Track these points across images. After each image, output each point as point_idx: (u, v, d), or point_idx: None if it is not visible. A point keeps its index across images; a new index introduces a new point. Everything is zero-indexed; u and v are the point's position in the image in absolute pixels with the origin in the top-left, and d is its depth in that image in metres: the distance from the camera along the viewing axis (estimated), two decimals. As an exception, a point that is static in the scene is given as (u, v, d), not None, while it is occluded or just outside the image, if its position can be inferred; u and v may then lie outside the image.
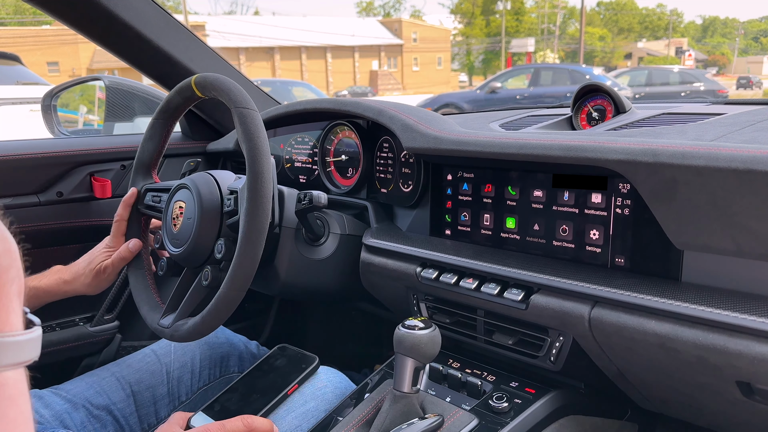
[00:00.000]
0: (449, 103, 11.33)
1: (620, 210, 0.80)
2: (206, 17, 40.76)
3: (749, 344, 0.63)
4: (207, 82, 0.94)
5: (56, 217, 1.32)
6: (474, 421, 0.81)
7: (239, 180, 1.00)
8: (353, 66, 40.85)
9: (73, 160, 1.33)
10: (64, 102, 1.69)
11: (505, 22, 45.79)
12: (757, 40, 77.10)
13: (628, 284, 0.74)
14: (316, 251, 1.06)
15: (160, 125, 1.07)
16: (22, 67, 4.55)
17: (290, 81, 17.61)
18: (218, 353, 1.12)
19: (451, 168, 1.01)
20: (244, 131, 0.86)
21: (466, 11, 53.70)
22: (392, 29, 44.02)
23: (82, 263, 1.05)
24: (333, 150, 1.27)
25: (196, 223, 0.94)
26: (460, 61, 55.47)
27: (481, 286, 0.87)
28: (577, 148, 0.79)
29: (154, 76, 1.39)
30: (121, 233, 1.06)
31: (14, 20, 34.36)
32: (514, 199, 0.92)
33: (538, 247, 0.90)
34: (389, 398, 0.81)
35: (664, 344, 0.69)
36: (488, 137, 0.92)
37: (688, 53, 33.04)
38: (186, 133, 1.56)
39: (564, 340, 0.82)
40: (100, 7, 1.17)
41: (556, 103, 1.38)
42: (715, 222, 0.68)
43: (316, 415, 0.91)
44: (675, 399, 0.81)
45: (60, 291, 1.04)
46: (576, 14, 58.45)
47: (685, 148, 0.70)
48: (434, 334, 0.80)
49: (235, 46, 34.24)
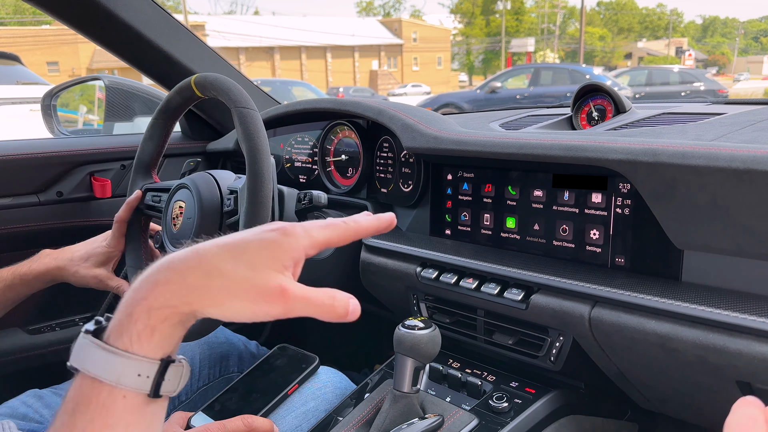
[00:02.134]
0: (449, 102, 11.33)
1: (620, 210, 0.80)
2: (206, 17, 40.76)
3: (749, 344, 0.63)
4: (207, 82, 0.94)
5: (56, 217, 1.32)
6: (474, 421, 0.81)
7: (239, 180, 1.00)
8: (353, 66, 40.85)
9: (73, 160, 1.33)
10: (64, 102, 1.69)
11: (505, 21, 45.79)
12: (757, 39, 77.10)
13: (628, 284, 0.74)
14: (316, 251, 1.05)
15: (159, 125, 1.07)
16: (22, 67, 4.55)
17: (290, 81, 17.61)
18: (218, 353, 1.12)
19: (451, 168, 1.01)
20: (244, 131, 0.86)
21: (466, 11, 53.71)
22: (392, 29, 44.03)
23: (77, 254, 1.04)
24: (333, 150, 1.27)
25: (196, 223, 0.94)
26: (460, 60, 55.49)
27: (481, 286, 0.87)
28: (578, 148, 0.79)
29: (153, 76, 1.39)
30: (121, 234, 1.06)
31: (14, 20, 34.36)
32: (514, 199, 0.92)
33: (538, 246, 0.90)
34: (389, 398, 0.81)
35: (664, 344, 0.69)
36: (488, 137, 0.92)
37: (688, 53, 33.06)
38: (186, 133, 1.56)
39: (564, 340, 0.82)
40: (100, 7, 1.17)
41: (556, 103, 1.38)
42: (715, 222, 0.68)
43: (316, 415, 0.91)
44: (675, 399, 0.81)
45: (49, 276, 1.03)
46: (576, 14, 58.46)
47: (686, 147, 0.70)
48: (434, 334, 0.80)
49: (235, 46, 34.24)
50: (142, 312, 0.44)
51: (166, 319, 0.44)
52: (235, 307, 0.45)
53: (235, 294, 0.45)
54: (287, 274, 0.47)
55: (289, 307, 0.46)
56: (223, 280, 0.45)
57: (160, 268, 0.46)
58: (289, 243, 0.48)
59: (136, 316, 0.44)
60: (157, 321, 0.44)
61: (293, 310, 0.46)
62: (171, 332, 0.45)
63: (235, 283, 0.45)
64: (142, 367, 0.44)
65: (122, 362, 0.43)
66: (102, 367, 0.43)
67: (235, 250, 0.46)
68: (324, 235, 0.50)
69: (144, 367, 0.44)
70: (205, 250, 0.46)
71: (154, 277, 0.45)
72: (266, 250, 0.47)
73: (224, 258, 0.46)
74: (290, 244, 0.48)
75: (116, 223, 1.06)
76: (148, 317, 0.44)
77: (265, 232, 0.48)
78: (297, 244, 0.48)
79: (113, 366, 0.43)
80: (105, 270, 1.04)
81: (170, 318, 0.45)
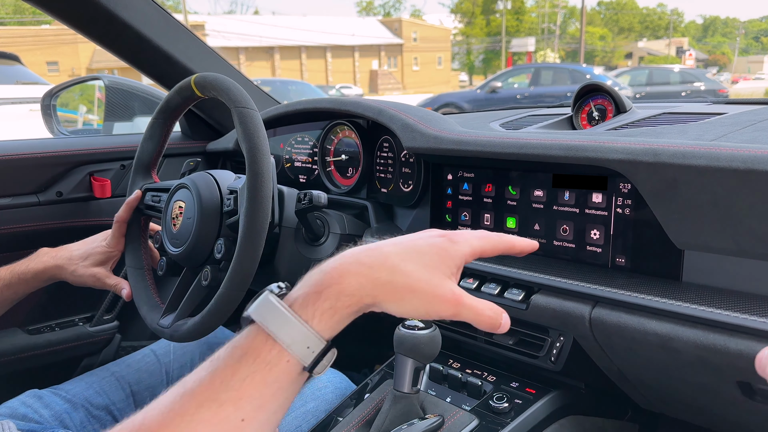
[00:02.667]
0: (449, 102, 11.33)
1: (621, 210, 0.80)
2: (206, 17, 40.75)
3: (750, 344, 0.63)
4: (207, 82, 0.94)
5: (56, 217, 1.32)
6: (474, 422, 0.81)
7: (239, 180, 1.00)
8: (353, 65, 40.84)
9: (72, 160, 1.33)
10: (64, 102, 1.69)
11: (506, 21, 45.78)
12: (757, 39, 77.04)
13: (628, 284, 0.74)
14: (316, 251, 1.05)
15: (159, 125, 1.07)
16: (22, 67, 4.55)
17: (290, 81, 17.60)
18: (218, 353, 1.12)
19: (451, 168, 1.01)
20: (244, 131, 0.85)
21: (467, 11, 53.69)
22: (392, 29, 44.02)
23: (76, 253, 1.04)
24: (333, 150, 1.27)
25: (195, 223, 0.94)
26: (461, 60, 55.47)
27: (481, 286, 0.87)
28: (578, 148, 0.79)
29: (153, 76, 1.39)
30: (121, 234, 1.06)
31: (14, 20, 34.37)
32: (515, 199, 0.92)
33: (539, 247, 0.90)
34: (389, 398, 0.81)
35: (665, 344, 0.69)
36: (488, 137, 0.92)
37: (688, 53, 33.05)
38: (186, 133, 1.56)
39: (564, 340, 0.82)
40: (99, 7, 1.17)
41: (557, 103, 1.38)
42: (715, 222, 0.68)
43: (316, 415, 0.91)
44: (675, 399, 0.81)
45: (48, 275, 1.03)
46: (576, 14, 58.46)
47: (686, 147, 0.70)
48: (434, 334, 0.80)
49: (234, 45, 34.23)
50: (332, 294, 0.49)
51: (349, 307, 0.49)
52: (414, 304, 0.50)
53: (414, 293, 0.50)
54: (454, 279, 0.53)
55: (459, 312, 0.51)
56: (405, 278, 0.50)
57: (349, 259, 0.51)
58: (456, 250, 0.54)
59: (326, 295, 0.49)
60: (342, 306, 0.49)
61: (461, 315, 0.52)
62: (346, 319, 0.50)
63: (415, 282, 0.50)
64: (314, 341, 0.48)
65: (300, 330, 0.48)
66: (282, 329, 0.47)
67: (413, 252, 0.52)
68: (480, 245, 0.56)
69: (314, 342, 0.48)
70: (387, 249, 0.52)
71: (345, 267, 0.50)
72: (438, 256, 0.52)
73: (405, 258, 0.51)
74: (456, 251, 0.54)
75: (116, 223, 1.06)
76: (336, 300, 0.49)
77: (434, 237, 0.54)
78: (461, 251, 0.54)
79: (292, 331, 0.47)
80: (104, 269, 1.04)
81: (352, 306, 0.49)
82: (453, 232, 0.56)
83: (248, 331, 0.49)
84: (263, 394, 0.47)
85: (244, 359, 0.47)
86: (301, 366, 0.48)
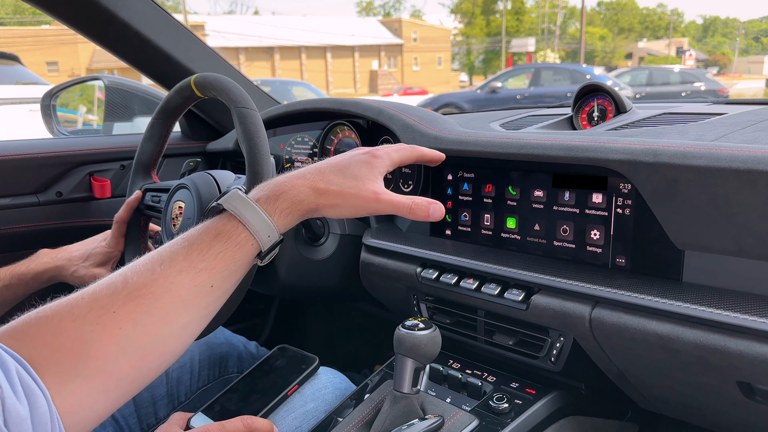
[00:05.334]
0: (449, 102, 11.35)
1: (621, 210, 0.80)
2: (206, 17, 40.78)
3: (750, 344, 0.63)
4: (206, 82, 0.94)
5: (56, 217, 1.32)
6: (474, 422, 0.81)
7: (239, 180, 1.00)
8: (353, 66, 40.86)
9: (72, 160, 1.33)
10: (64, 102, 1.69)
11: (506, 21, 45.79)
12: (757, 39, 77.04)
13: (628, 284, 0.74)
14: (316, 251, 1.05)
15: (159, 125, 1.07)
16: (22, 67, 4.55)
17: (290, 81, 17.61)
18: (217, 354, 1.12)
19: (451, 168, 1.01)
20: (244, 131, 0.85)
21: (467, 11, 53.72)
22: (392, 29, 44.03)
23: (76, 254, 1.04)
24: (333, 150, 1.27)
25: (195, 223, 0.94)
26: (461, 60, 55.48)
27: (481, 287, 0.87)
28: (578, 148, 0.79)
29: (153, 76, 1.39)
30: (120, 234, 1.06)
31: (13, 20, 34.37)
32: (515, 199, 0.92)
33: (539, 247, 0.90)
34: (389, 399, 0.81)
35: (665, 345, 0.69)
36: (489, 137, 0.92)
37: (688, 53, 33.08)
38: (185, 133, 1.56)
39: (564, 340, 0.82)
40: (99, 7, 1.17)
41: (557, 103, 1.38)
42: (715, 222, 0.68)
43: (316, 415, 0.91)
44: (676, 399, 0.81)
45: (47, 276, 1.03)
46: (576, 14, 58.49)
47: (686, 148, 0.70)
48: (434, 334, 0.80)
49: (234, 45, 34.25)
50: (287, 198, 0.63)
51: (299, 210, 0.63)
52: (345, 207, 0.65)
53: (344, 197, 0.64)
54: (379, 184, 0.67)
55: (380, 207, 0.66)
56: (337, 187, 0.64)
57: (297, 174, 0.65)
58: (377, 162, 0.68)
59: (282, 199, 0.62)
60: (295, 209, 0.63)
61: (383, 210, 0.66)
62: (296, 220, 0.64)
63: (345, 189, 0.64)
64: (273, 232, 0.61)
65: (265, 221, 0.61)
66: (252, 217, 0.60)
67: (342, 166, 0.66)
68: (399, 156, 0.72)
69: (273, 233, 0.61)
70: (323, 167, 0.66)
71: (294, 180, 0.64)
72: (363, 166, 0.67)
73: (335, 172, 0.65)
74: (377, 161, 0.68)
75: (116, 224, 1.06)
76: (290, 204, 0.63)
77: (360, 154, 0.69)
78: (382, 163, 0.69)
79: (259, 220, 0.60)
80: (104, 270, 1.04)
81: (301, 210, 0.64)
82: (375, 147, 0.72)
83: (220, 217, 0.61)
84: (229, 268, 0.59)
85: (217, 238, 0.59)
86: (258, 251, 0.61)
